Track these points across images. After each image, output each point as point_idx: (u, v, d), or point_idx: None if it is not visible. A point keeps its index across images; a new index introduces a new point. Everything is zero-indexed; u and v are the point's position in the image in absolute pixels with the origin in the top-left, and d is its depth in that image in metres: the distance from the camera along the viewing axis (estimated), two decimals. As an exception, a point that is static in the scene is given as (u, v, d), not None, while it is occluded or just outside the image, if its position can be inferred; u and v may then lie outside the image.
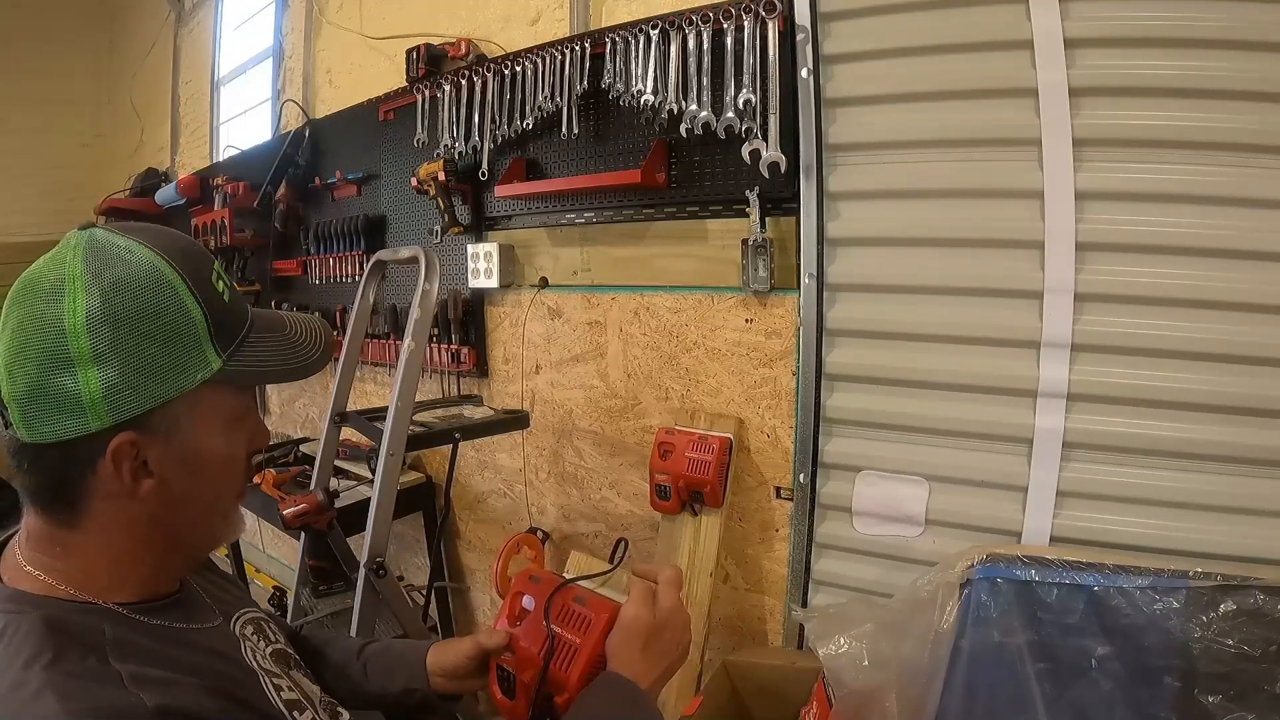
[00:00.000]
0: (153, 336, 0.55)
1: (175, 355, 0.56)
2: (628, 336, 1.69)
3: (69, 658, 0.51)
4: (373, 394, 2.42)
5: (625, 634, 0.74)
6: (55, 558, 0.57)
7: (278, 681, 0.64)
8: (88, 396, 0.53)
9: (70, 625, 0.53)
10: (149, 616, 0.59)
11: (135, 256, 0.55)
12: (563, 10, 1.73)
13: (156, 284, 0.55)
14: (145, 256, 0.56)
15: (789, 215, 1.39)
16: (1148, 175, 1.10)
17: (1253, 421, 1.07)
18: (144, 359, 0.54)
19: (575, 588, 0.81)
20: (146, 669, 0.52)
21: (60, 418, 0.53)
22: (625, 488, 1.76)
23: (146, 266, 0.55)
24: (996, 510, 1.23)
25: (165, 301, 0.55)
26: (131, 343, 0.54)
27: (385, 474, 1.31)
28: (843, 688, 1.09)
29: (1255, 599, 0.98)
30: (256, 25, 3.00)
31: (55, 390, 0.52)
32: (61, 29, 4.04)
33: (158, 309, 0.55)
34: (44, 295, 0.53)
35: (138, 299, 0.54)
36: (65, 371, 0.52)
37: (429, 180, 1.88)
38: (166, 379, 0.55)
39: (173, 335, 0.56)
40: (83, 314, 0.53)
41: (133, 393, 0.54)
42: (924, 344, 1.28)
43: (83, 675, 0.50)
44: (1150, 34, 1.07)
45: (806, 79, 1.30)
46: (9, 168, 3.88)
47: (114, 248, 0.55)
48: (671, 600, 0.77)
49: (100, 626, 0.54)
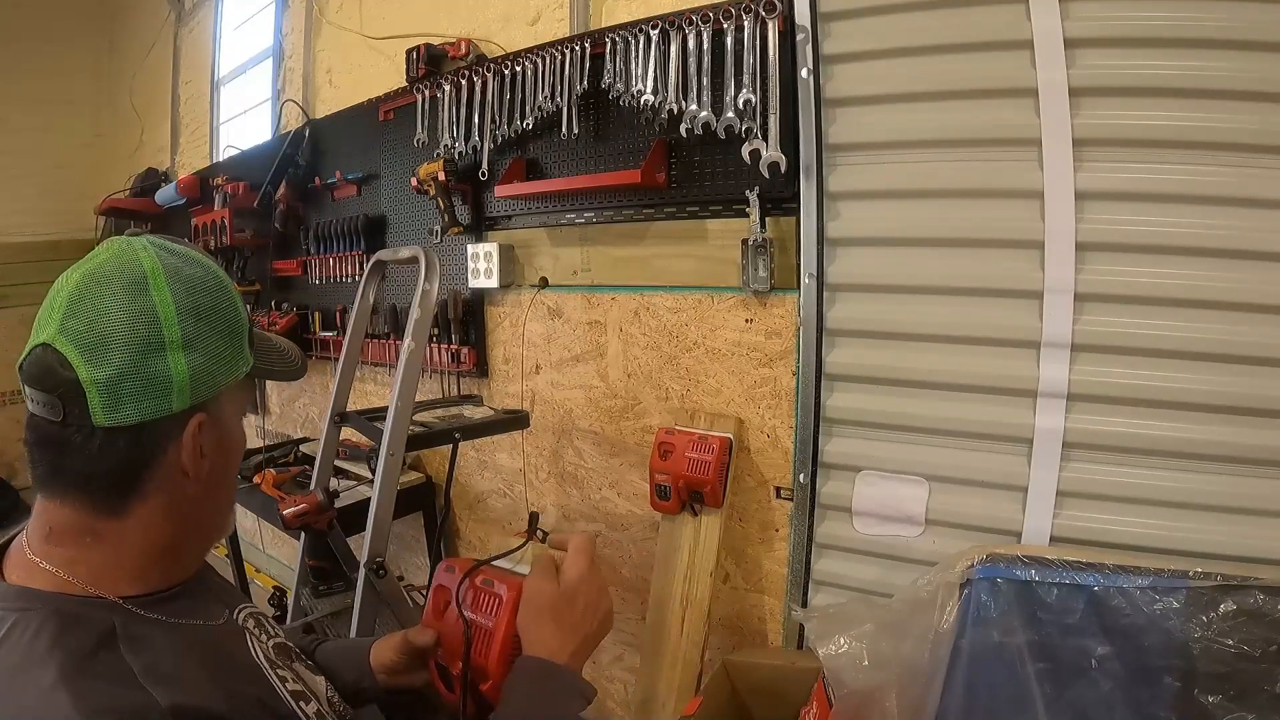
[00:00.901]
0: (222, 330, 0.62)
1: (234, 348, 0.63)
2: (628, 336, 1.69)
3: (82, 654, 0.51)
4: (373, 394, 2.42)
5: (532, 608, 0.73)
6: (82, 550, 0.58)
7: (282, 674, 0.64)
8: (178, 379, 0.58)
9: (82, 620, 0.54)
10: (160, 609, 0.59)
11: (197, 261, 0.63)
12: (563, 10, 1.73)
13: (222, 286, 0.63)
14: (204, 262, 0.63)
15: (789, 215, 1.39)
16: (1148, 175, 1.10)
17: (1253, 421, 1.07)
18: (217, 349, 0.61)
19: (486, 570, 0.79)
20: (158, 663, 0.53)
21: (148, 399, 0.57)
22: (625, 488, 1.76)
23: (210, 270, 0.63)
24: (996, 510, 1.23)
25: (229, 301, 0.63)
26: (210, 333, 0.60)
27: (385, 474, 1.31)
28: (843, 688, 1.09)
29: (1255, 599, 0.98)
30: (256, 25, 3.00)
31: (148, 373, 0.56)
32: (61, 29, 4.04)
33: (225, 307, 0.62)
34: (126, 287, 0.57)
35: (212, 296, 0.61)
36: (159, 356, 0.57)
37: (429, 180, 1.88)
38: (228, 368, 0.62)
39: (233, 330, 0.63)
40: (172, 305, 0.58)
41: (209, 378, 0.60)
42: (924, 344, 1.28)
43: (96, 672, 0.51)
44: (1150, 34, 1.07)
45: (806, 79, 1.30)
46: (9, 168, 3.88)
47: (179, 252, 0.62)
48: (579, 568, 0.76)
49: (111, 620, 0.55)
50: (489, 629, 0.74)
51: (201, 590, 0.68)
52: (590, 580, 0.76)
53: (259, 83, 2.98)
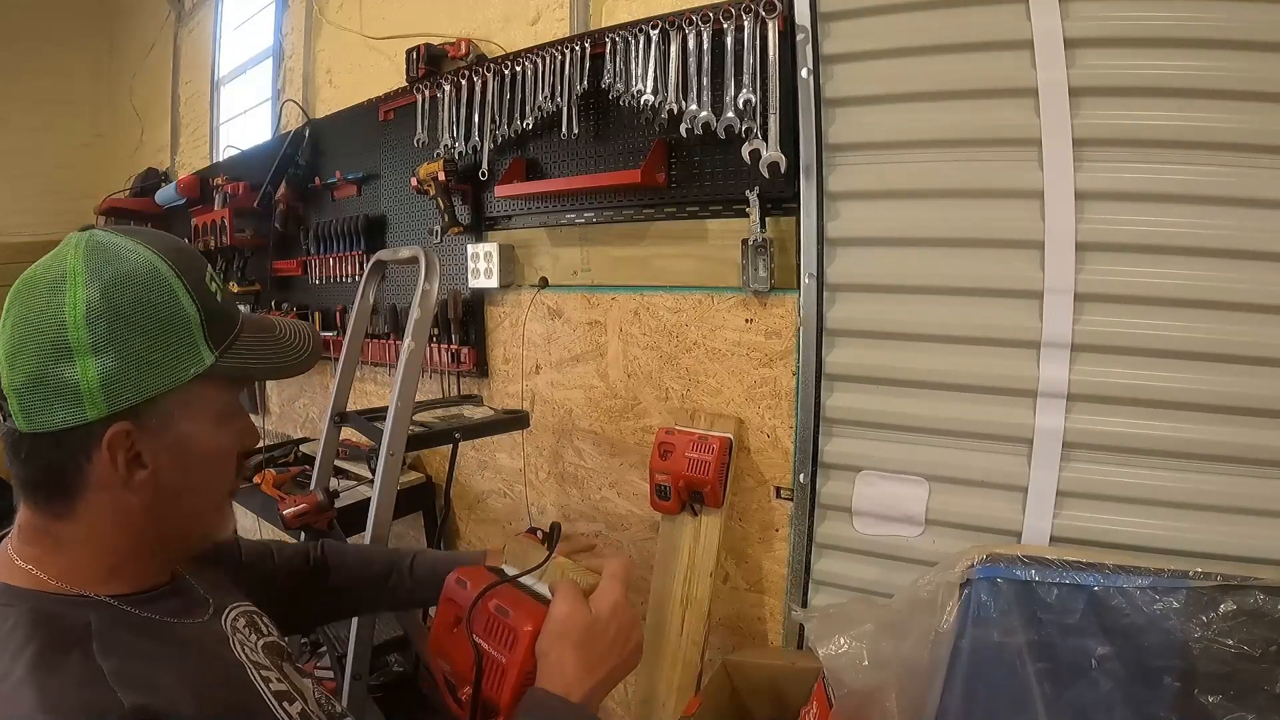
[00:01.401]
0: (149, 330, 0.57)
1: (170, 349, 0.58)
2: (628, 336, 1.69)
3: (53, 652, 0.51)
4: (373, 394, 2.42)
5: (554, 636, 0.67)
6: (46, 550, 0.58)
7: (266, 674, 0.63)
8: (86, 386, 0.55)
9: (57, 618, 0.54)
10: (138, 609, 0.59)
11: (134, 255, 0.58)
12: (563, 10, 1.73)
13: (154, 281, 0.58)
14: (144, 255, 0.58)
15: (789, 215, 1.39)
16: (1148, 175, 1.09)
17: (1253, 421, 1.07)
18: (140, 351, 0.56)
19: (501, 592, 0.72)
20: (130, 664, 0.52)
21: (59, 407, 0.55)
22: (625, 488, 1.76)
23: (145, 264, 0.58)
24: (996, 510, 1.23)
25: (161, 297, 0.58)
26: (128, 335, 0.56)
27: (385, 474, 1.31)
28: (843, 688, 1.09)
29: (1255, 599, 0.98)
30: (256, 25, 3.00)
31: (55, 380, 0.54)
32: (61, 29, 4.05)
33: (154, 304, 0.57)
34: (45, 290, 0.56)
35: (136, 294, 0.57)
36: (65, 362, 0.54)
37: (429, 180, 1.88)
38: (161, 372, 0.57)
39: (168, 330, 0.58)
40: (83, 307, 0.55)
41: (129, 384, 0.56)
42: (924, 344, 1.28)
43: (65, 671, 0.50)
44: (1150, 34, 1.07)
45: (806, 79, 1.30)
46: (9, 168, 3.88)
47: (114, 246, 0.58)
48: (612, 596, 0.71)
49: (87, 619, 0.55)
50: (502, 665, 0.68)
51: (190, 588, 0.67)
52: (624, 610, 0.71)
53: (259, 83, 2.98)
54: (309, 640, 1.86)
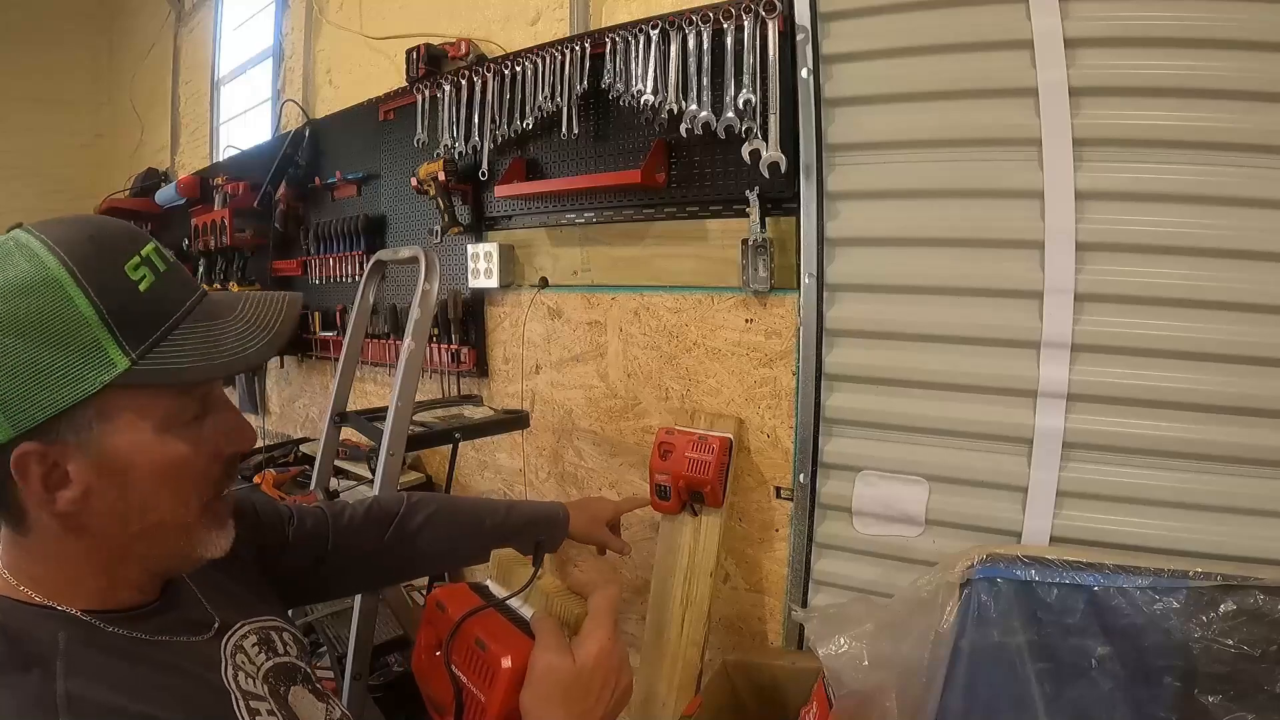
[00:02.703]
0: (38, 341, 0.50)
1: (68, 359, 0.51)
2: (628, 336, 1.69)
3: (13, 668, 0.50)
4: (373, 394, 2.42)
5: (541, 690, 0.63)
6: (18, 559, 0.56)
7: (256, 704, 0.59)
8: None
9: (25, 633, 0.52)
10: (116, 626, 0.57)
11: (19, 259, 0.51)
12: (563, 10, 1.73)
13: (37, 285, 0.51)
14: (30, 258, 0.51)
15: (789, 215, 1.39)
16: (1148, 175, 1.09)
17: (1253, 421, 1.07)
18: (32, 365, 0.50)
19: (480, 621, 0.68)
20: (93, 689, 0.50)
21: None
22: (625, 488, 1.76)
23: (28, 268, 0.51)
24: (996, 510, 1.23)
25: (47, 303, 0.51)
26: (15, 350, 0.50)
27: (385, 474, 1.31)
28: (843, 688, 1.09)
29: (1255, 599, 0.98)
30: (256, 25, 3.00)
31: None
32: (61, 29, 4.05)
33: (39, 312, 0.50)
34: None
35: (16, 304, 0.50)
36: None
37: (429, 180, 1.88)
38: (60, 385, 0.51)
39: (61, 338, 0.51)
40: None
41: (25, 401, 0.50)
42: (924, 344, 1.28)
43: (17, 689, 0.48)
44: (1150, 34, 1.07)
45: (806, 79, 1.30)
46: (9, 168, 3.88)
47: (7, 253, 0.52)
48: (599, 640, 0.66)
49: (56, 635, 0.52)
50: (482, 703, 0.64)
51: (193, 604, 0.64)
52: (610, 654, 0.66)
53: (259, 83, 2.98)
54: (309, 640, 1.86)
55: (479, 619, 0.68)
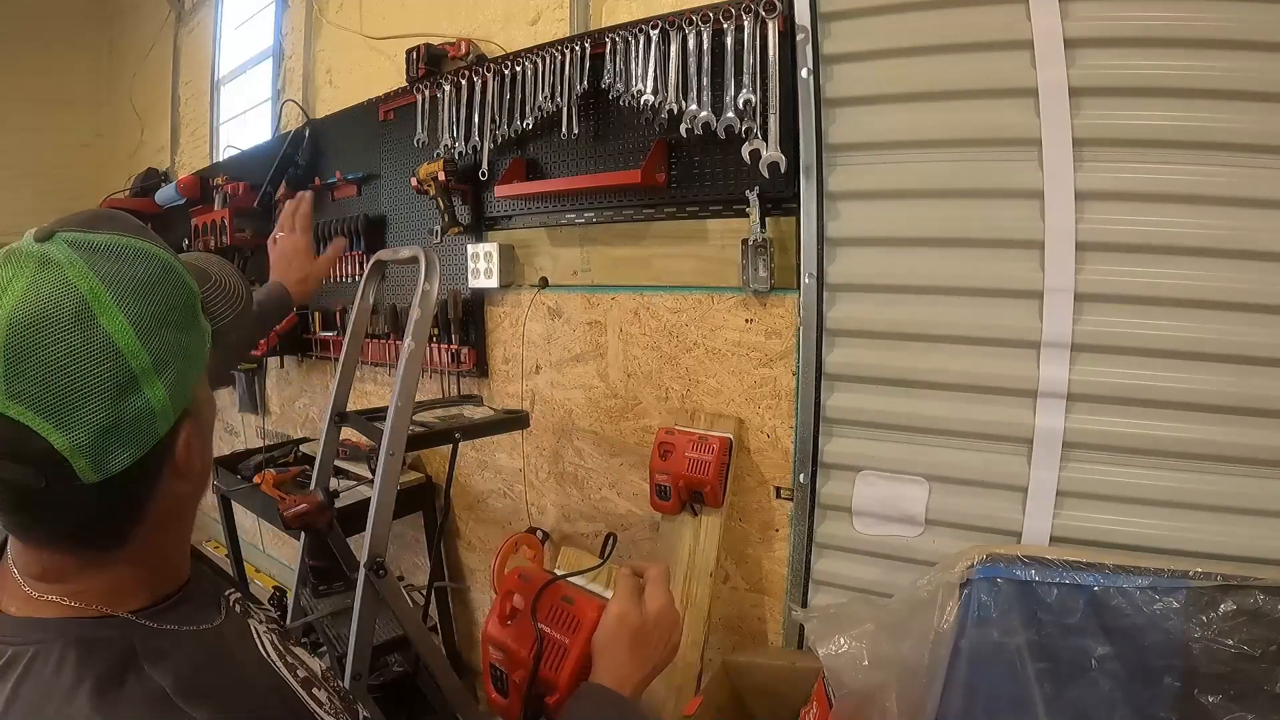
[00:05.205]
0: (182, 324, 0.54)
1: (196, 333, 0.56)
2: (628, 336, 1.69)
3: (110, 679, 0.49)
4: (373, 394, 2.42)
5: (611, 632, 0.73)
6: (84, 581, 0.54)
7: (291, 662, 0.61)
8: (159, 405, 0.51)
9: (100, 643, 0.52)
10: (164, 620, 0.57)
11: (133, 248, 0.52)
12: (563, 10, 1.73)
13: (166, 271, 0.53)
14: (140, 246, 0.52)
15: (789, 215, 1.39)
16: (1148, 175, 1.10)
17: (1253, 421, 1.08)
18: (184, 347, 0.54)
19: (563, 585, 0.80)
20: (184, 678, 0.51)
21: (136, 440, 0.50)
22: (625, 488, 1.76)
23: (149, 257, 0.52)
24: (996, 510, 1.23)
25: (176, 290, 0.54)
26: (175, 337, 0.53)
27: (385, 474, 1.31)
28: (843, 688, 1.09)
29: (1255, 599, 0.98)
30: (256, 25, 3.00)
31: (129, 417, 0.49)
32: (61, 29, 4.05)
33: (176, 295, 0.54)
34: (72, 323, 0.47)
35: (163, 293, 0.52)
36: (133, 393, 0.49)
37: (429, 180, 1.88)
38: (198, 360, 0.56)
39: (191, 316, 0.55)
40: (131, 327, 0.49)
41: (185, 383, 0.54)
42: (924, 344, 1.28)
43: (129, 697, 0.48)
44: (1150, 34, 1.07)
45: (806, 79, 1.30)
46: (9, 167, 3.88)
47: (105, 249, 0.51)
48: (660, 598, 0.76)
49: (129, 638, 0.53)
50: (564, 645, 0.74)
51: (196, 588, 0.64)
52: (670, 611, 0.76)
53: (259, 83, 2.98)
54: (309, 640, 1.86)
55: (563, 583, 0.80)
